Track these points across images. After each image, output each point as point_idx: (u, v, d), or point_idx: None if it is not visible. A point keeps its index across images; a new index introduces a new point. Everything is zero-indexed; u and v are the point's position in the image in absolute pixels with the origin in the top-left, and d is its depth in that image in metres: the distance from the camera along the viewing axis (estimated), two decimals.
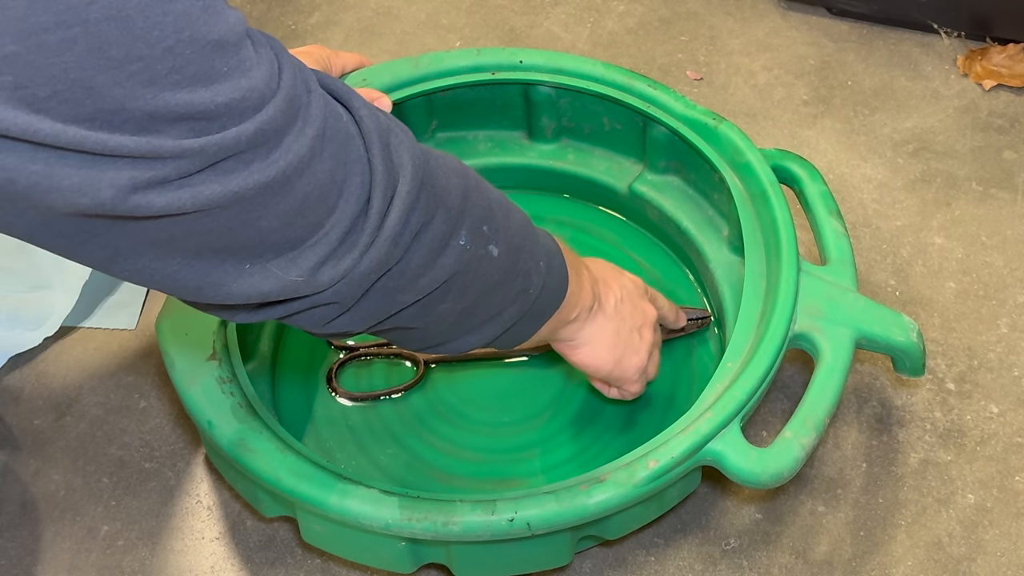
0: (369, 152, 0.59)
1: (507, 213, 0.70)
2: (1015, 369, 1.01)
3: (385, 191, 0.59)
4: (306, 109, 0.55)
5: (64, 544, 0.93)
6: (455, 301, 0.68)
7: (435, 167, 0.64)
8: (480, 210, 0.66)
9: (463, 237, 0.65)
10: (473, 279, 0.67)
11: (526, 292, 0.71)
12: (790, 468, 0.79)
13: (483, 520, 0.77)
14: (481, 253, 0.67)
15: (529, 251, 0.71)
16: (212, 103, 0.50)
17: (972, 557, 0.91)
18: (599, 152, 1.09)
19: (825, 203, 0.95)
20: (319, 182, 0.56)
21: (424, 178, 0.62)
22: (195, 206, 0.52)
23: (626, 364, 0.85)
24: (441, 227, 0.63)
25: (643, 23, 1.33)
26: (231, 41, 0.50)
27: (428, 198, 0.62)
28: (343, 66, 1.02)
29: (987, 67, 1.25)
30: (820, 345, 0.86)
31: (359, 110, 0.60)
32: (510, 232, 0.69)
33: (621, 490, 0.78)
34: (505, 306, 0.71)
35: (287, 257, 0.58)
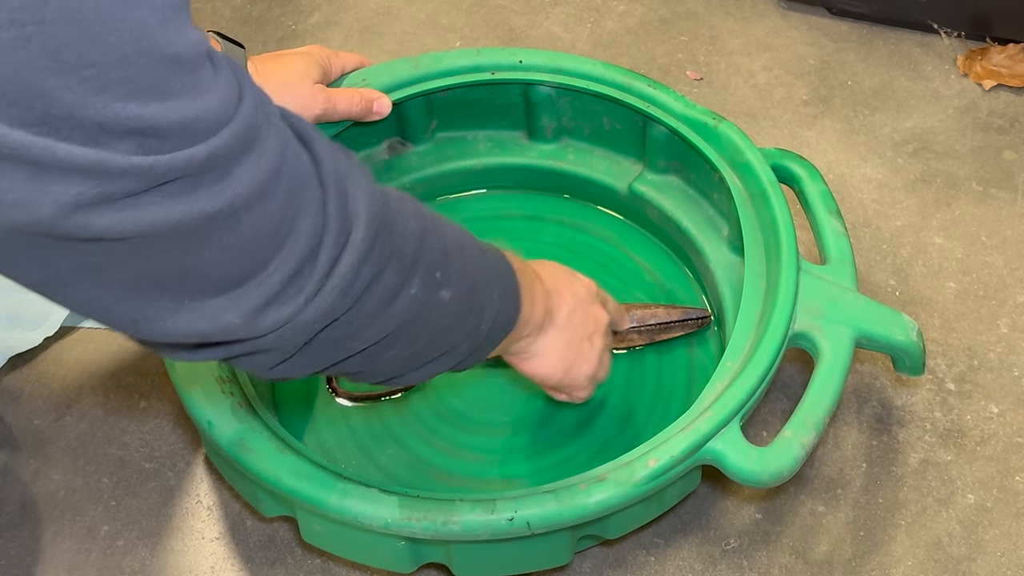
0: (325, 196, 0.57)
1: (462, 253, 0.68)
2: (1015, 369, 1.01)
3: (337, 239, 0.57)
4: (263, 141, 0.53)
5: (64, 544, 0.93)
6: (403, 347, 0.66)
7: (393, 214, 0.61)
8: (435, 256, 0.65)
9: (415, 286, 0.63)
10: (423, 326, 0.65)
11: (478, 328, 0.70)
12: (790, 467, 0.79)
13: (483, 519, 0.77)
14: (432, 300, 0.65)
15: (482, 286, 0.70)
16: (164, 119, 0.48)
17: (972, 557, 0.91)
18: (599, 152, 1.09)
19: (825, 202, 0.95)
20: (268, 220, 0.54)
21: (380, 227, 0.59)
22: (136, 230, 0.49)
23: (576, 372, 0.83)
24: (393, 278, 0.61)
25: (643, 23, 1.33)
26: (189, 58, 0.49)
27: (382, 249, 0.60)
28: (343, 66, 1.02)
29: (987, 67, 1.25)
30: (820, 344, 0.86)
31: (320, 152, 0.58)
32: (464, 273, 0.67)
33: (621, 489, 0.78)
34: (456, 343, 0.70)
35: (228, 296, 0.55)
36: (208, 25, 1.33)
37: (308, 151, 0.57)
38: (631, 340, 0.99)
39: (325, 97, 0.97)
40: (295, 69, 0.96)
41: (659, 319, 0.99)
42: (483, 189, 1.13)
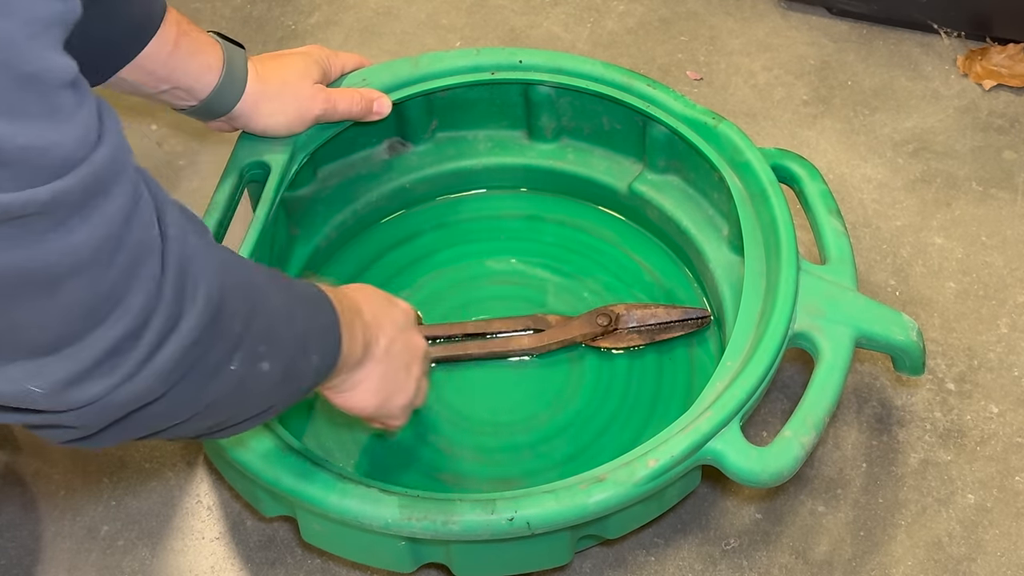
0: (163, 275, 0.53)
1: (288, 321, 0.65)
2: (1015, 369, 1.01)
3: (166, 322, 0.53)
4: (111, 198, 0.49)
5: (64, 544, 0.93)
6: (217, 417, 0.63)
7: (228, 295, 0.58)
8: (261, 329, 0.62)
9: (236, 362, 0.60)
10: (241, 397, 0.63)
11: (297, 389, 0.68)
12: (790, 467, 0.79)
13: (483, 519, 0.77)
14: (253, 372, 0.62)
15: (304, 353, 0.67)
16: (10, 142, 0.44)
17: (972, 557, 0.91)
18: (599, 152, 1.09)
19: (825, 202, 0.95)
20: (95, 288, 0.50)
21: (214, 313, 0.56)
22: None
23: (392, 403, 0.81)
24: (215, 358, 0.58)
25: (643, 23, 1.33)
26: (48, 81, 0.45)
27: (211, 335, 0.56)
28: (342, 66, 1.02)
29: (987, 67, 1.25)
30: (820, 344, 0.86)
31: (169, 227, 0.53)
32: (287, 344, 0.65)
33: (621, 489, 0.78)
34: (274, 404, 0.67)
35: (33, 362, 0.50)
36: (208, 25, 1.33)
37: (158, 222, 0.53)
38: (631, 340, 0.99)
39: (325, 97, 0.97)
40: (295, 69, 0.96)
41: (659, 319, 0.99)
42: (483, 189, 1.13)
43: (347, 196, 1.08)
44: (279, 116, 0.96)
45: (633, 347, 1.00)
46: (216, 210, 0.94)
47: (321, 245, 1.06)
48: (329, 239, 1.07)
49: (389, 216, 1.11)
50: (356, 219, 1.08)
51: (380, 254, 1.08)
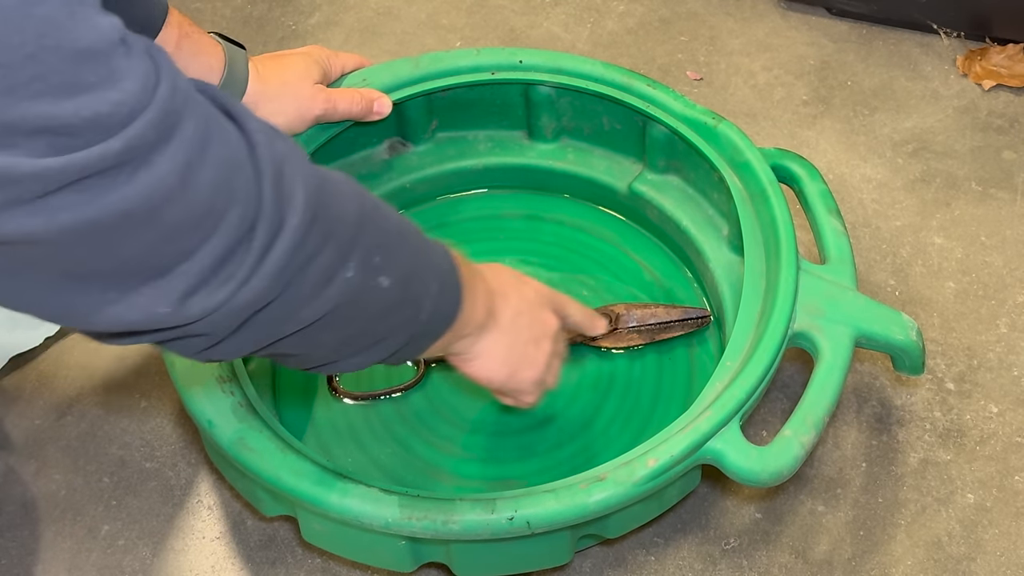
0: (260, 179, 0.55)
1: (402, 240, 0.67)
2: (1015, 369, 1.01)
3: (272, 222, 0.55)
4: (183, 127, 0.51)
5: (65, 544, 0.94)
6: (338, 331, 0.64)
7: (331, 197, 0.60)
8: (373, 240, 0.63)
9: (351, 269, 0.61)
10: (359, 310, 0.64)
11: (416, 318, 0.69)
12: (790, 466, 0.79)
13: (483, 519, 0.77)
14: (370, 284, 0.63)
15: (421, 277, 0.68)
16: (76, 117, 0.46)
17: (972, 556, 0.91)
18: (599, 152, 1.09)
19: (824, 202, 0.95)
20: (192, 208, 0.52)
21: (317, 210, 0.58)
22: (48, 231, 0.48)
23: (520, 377, 0.81)
24: (329, 261, 0.60)
25: (643, 23, 1.33)
26: (101, 50, 0.47)
27: (319, 231, 0.58)
28: (343, 66, 1.02)
29: (986, 67, 1.25)
30: (820, 343, 0.86)
31: (254, 134, 0.56)
32: (403, 260, 0.66)
33: (620, 488, 0.78)
34: (393, 332, 0.68)
35: (154, 285, 0.53)
36: (209, 25, 1.33)
37: (240, 132, 0.55)
38: (631, 340, 0.99)
39: (325, 97, 0.97)
40: (295, 69, 0.96)
41: (659, 319, 0.99)
42: (483, 189, 1.13)
43: None
44: (279, 117, 0.96)
45: (633, 347, 1.00)
46: None
47: None
48: None
49: None
50: None
51: None
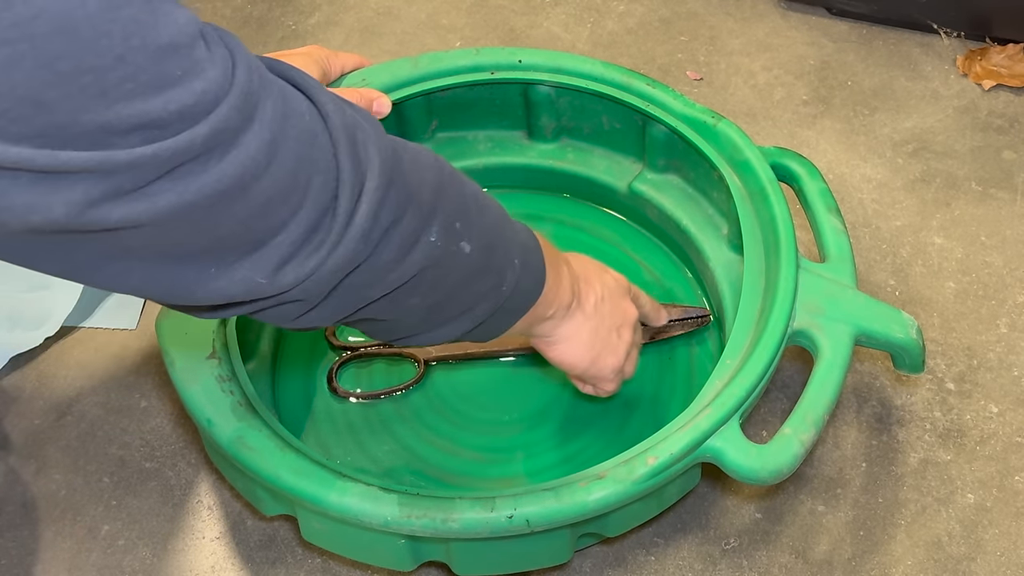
0: (336, 148, 0.57)
1: (482, 209, 0.69)
2: (1015, 369, 1.01)
3: (352, 188, 0.58)
4: (263, 106, 0.53)
5: (64, 544, 0.93)
6: (425, 296, 0.66)
7: (406, 162, 0.62)
8: (453, 206, 0.65)
9: (434, 233, 0.63)
10: (444, 275, 0.66)
11: (499, 289, 0.70)
12: (789, 465, 0.79)
13: (482, 517, 0.77)
14: (453, 249, 0.65)
15: (504, 248, 0.70)
16: (165, 111, 0.48)
17: (972, 557, 0.91)
18: (598, 151, 1.09)
19: (824, 200, 0.95)
20: (280, 183, 0.54)
21: (393, 174, 0.60)
22: (151, 217, 0.50)
23: (602, 363, 0.84)
24: (412, 223, 0.62)
25: (643, 23, 1.33)
26: (183, 43, 0.49)
27: (398, 194, 0.60)
28: (342, 66, 1.02)
29: (987, 67, 1.25)
30: (819, 342, 0.86)
31: (325, 105, 0.58)
32: (484, 228, 0.68)
33: (620, 487, 0.78)
34: (477, 301, 0.70)
35: (250, 259, 0.56)
36: None
37: (313, 104, 0.58)
38: None
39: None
40: None
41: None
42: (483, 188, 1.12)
43: None
44: None
45: None
46: None
47: None
48: None
49: None
50: None
51: None
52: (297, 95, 0.57)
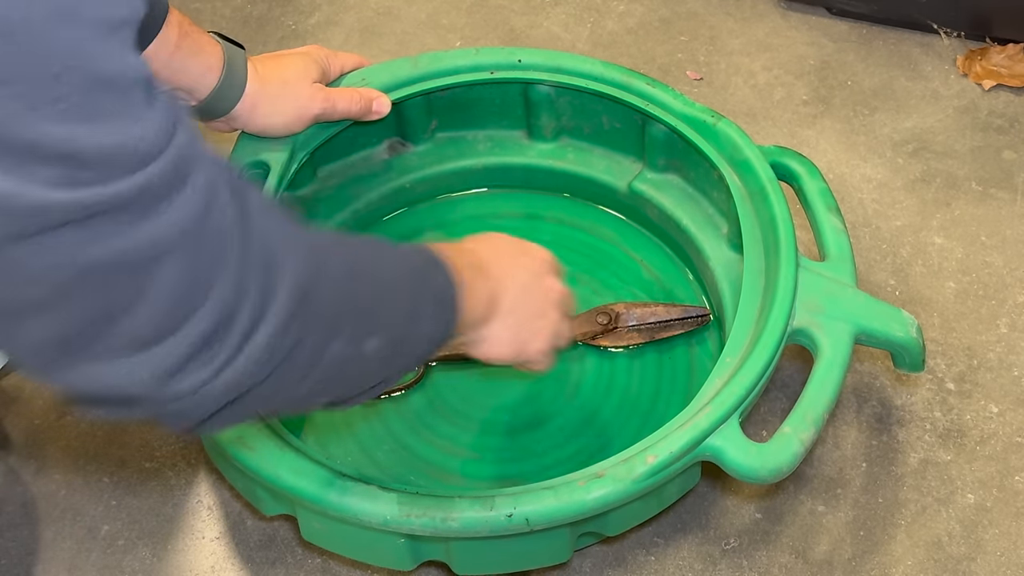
0: (247, 258, 0.53)
1: (395, 295, 0.65)
2: (1015, 369, 1.01)
3: (254, 309, 0.53)
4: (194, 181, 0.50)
5: (65, 544, 0.93)
6: (328, 394, 0.64)
7: (321, 277, 0.57)
8: (362, 309, 0.61)
9: (338, 344, 0.59)
10: (348, 374, 0.63)
11: (412, 358, 0.69)
12: (789, 463, 0.79)
13: (482, 516, 0.77)
14: (359, 352, 0.62)
15: (415, 324, 0.67)
16: (94, 144, 0.46)
17: (972, 556, 0.91)
18: (598, 151, 1.10)
19: (824, 200, 0.95)
20: (183, 277, 0.50)
21: (304, 296, 0.55)
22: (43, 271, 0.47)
23: (529, 350, 0.81)
24: (315, 342, 0.58)
25: (643, 23, 1.33)
26: (124, 83, 0.47)
27: (305, 320, 0.56)
28: (342, 66, 1.02)
29: (987, 67, 1.25)
30: (819, 340, 0.86)
31: (251, 206, 0.53)
32: (396, 318, 0.65)
33: (619, 485, 0.78)
34: (387, 375, 0.68)
35: (135, 357, 0.51)
36: (208, 25, 1.33)
37: (238, 203, 0.53)
38: (631, 338, 0.99)
39: (324, 96, 0.97)
40: (294, 69, 0.96)
41: (659, 317, 0.99)
42: (483, 188, 1.13)
43: (347, 196, 1.08)
44: (278, 116, 0.96)
45: (633, 345, 1.00)
46: None
47: None
48: None
49: (389, 216, 1.11)
50: (356, 219, 1.08)
51: None
52: (226, 189, 0.53)
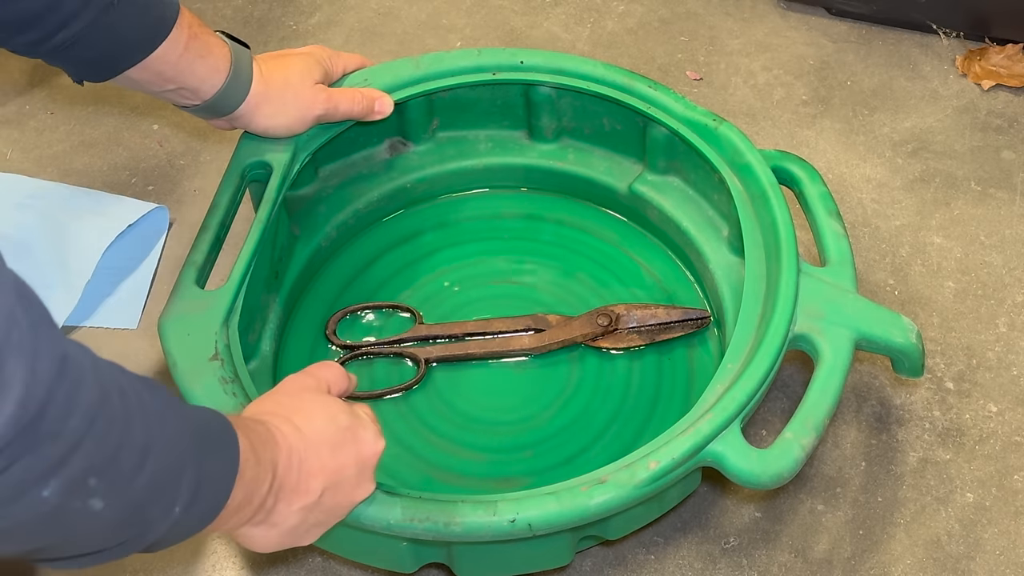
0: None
1: (143, 459, 0.55)
2: (1014, 368, 1.02)
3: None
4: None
5: None
6: (21, 544, 0.54)
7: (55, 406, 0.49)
8: (93, 460, 0.52)
9: (48, 488, 0.50)
10: (52, 530, 0.53)
11: (143, 539, 0.58)
12: (790, 469, 0.80)
13: (485, 521, 0.77)
14: (74, 507, 0.52)
15: (161, 500, 0.58)
16: None
17: (971, 555, 0.91)
18: (599, 152, 1.10)
19: (825, 204, 0.95)
20: None
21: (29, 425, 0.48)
22: None
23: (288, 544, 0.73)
24: (19, 474, 0.49)
25: (643, 23, 1.33)
26: None
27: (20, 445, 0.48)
28: (344, 66, 1.02)
29: (986, 67, 1.25)
30: (820, 346, 0.86)
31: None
32: (136, 484, 0.55)
33: (622, 491, 0.78)
34: (106, 546, 0.58)
35: None
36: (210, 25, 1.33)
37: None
38: (631, 340, 1.00)
39: (327, 97, 0.97)
40: (297, 69, 0.97)
41: (659, 319, 1.00)
42: (484, 189, 1.13)
43: (348, 196, 1.08)
44: (280, 117, 0.96)
45: (633, 347, 1.00)
46: (218, 210, 0.94)
47: (322, 244, 1.06)
48: (330, 238, 1.07)
49: (390, 215, 1.11)
50: (357, 219, 1.09)
51: (381, 254, 1.09)
52: None
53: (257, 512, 0.68)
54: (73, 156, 1.21)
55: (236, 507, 0.64)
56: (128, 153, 1.22)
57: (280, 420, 0.70)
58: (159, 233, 1.14)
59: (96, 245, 1.07)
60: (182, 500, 0.59)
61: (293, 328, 1.03)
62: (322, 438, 0.71)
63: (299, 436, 0.70)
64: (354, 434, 0.73)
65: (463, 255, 1.09)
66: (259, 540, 0.71)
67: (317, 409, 0.73)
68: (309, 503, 0.70)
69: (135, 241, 1.12)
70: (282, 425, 0.70)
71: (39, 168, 1.20)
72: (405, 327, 1.02)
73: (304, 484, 0.70)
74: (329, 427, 0.72)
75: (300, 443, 0.70)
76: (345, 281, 1.06)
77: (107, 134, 1.23)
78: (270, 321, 0.99)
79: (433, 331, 1.01)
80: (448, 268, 1.07)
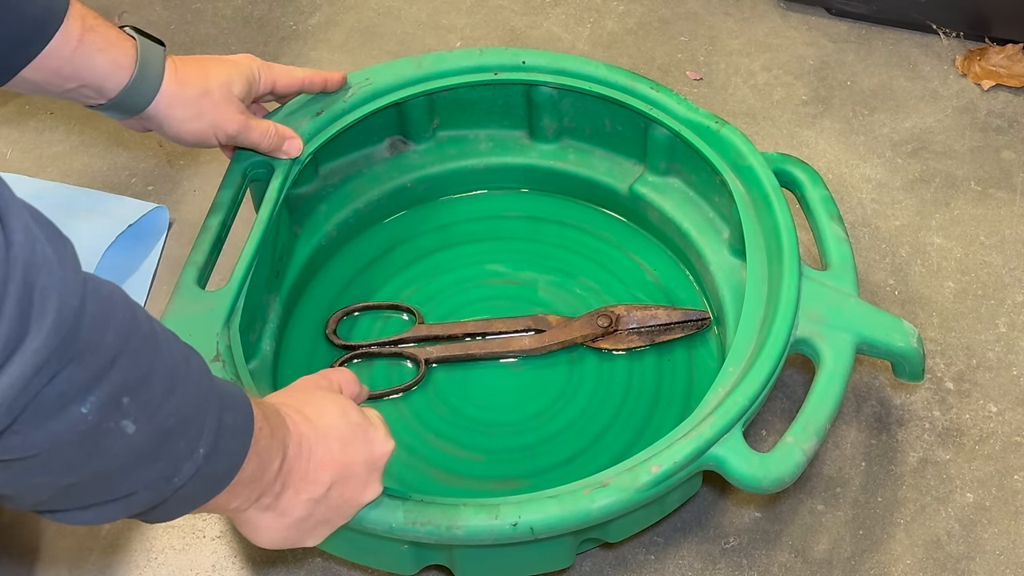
0: (5, 284, 0.47)
1: (172, 386, 0.56)
2: (1014, 368, 1.02)
3: (8, 340, 0.47)
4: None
5: (65, 543, 0.94)
6: (58, 476, 0.54)
7: (89, 319, 0.51)
8: (128, 378, 0.53)
9: (87, 404, 0.52)
10: (88, 456, 0.54)
11: (168, 480, 0.59)
12: (791, 473, 0.80)
13: (487, 525, 0.77)
14: (109, 427, 0.53)
15: (189, 433, 0.58)
16: None
17: (971, 555, 0.91)
18: (600, 153, 1.10)
19: (826, 208, 0.95)
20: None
21: (67, 335, 0.49)
22: None
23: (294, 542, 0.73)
24: (60, 387, 0.50)
25: (643, 23, 1.33)
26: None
27: (60, 358, 0.49)
28: (274, 82, 0.97)
29: (986, 67, 1.25)
30: (821, 350, 0.86)
31: (14, 230, 0.48)
32: (165, 410, 0.56)
33: (624, 495, 0.78)
34: (135, 489, 0.58)
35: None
36: (209, 26, 1.34)
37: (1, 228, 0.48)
38: (631, 341, 1.00)
39: (243, 120, 0.93)
40: (219, 79, 0.92)
41: (659, 320, 1.00)
42: (484, 189, 1.13)
43: (349, 195, 1.08)
44: (194, 123, 0.91)
45: (633, 348, 1.00)
46: (219, 210, 0.94)
47: (323, 244, 1.06)
48: (330, 238, 1.07)
49: (390, 215, 1.11)
50: (357, 218, 1.09)
51: (381, 253, 1.09)
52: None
53: (265, 493, 0.68)
54: (73, 156, 1.21)
55: (249, 478, 0.65)
56: (128, 153, 1.22)
57: (292, 410, 0.71)
58: (159, 233, 1.14)
59: (96, 245, 1.07)
60: (205, 442, 0.59)
61: (293, 328, 1.03)
62: (333, 432, 0.72)
63: (310, 426, 0.71)
64: (364, 432, 0.74)
65: (463, 255, 1.09)
66: (264, 531, 0.71)
67: (329, 405, 0.74)
68: (317, 495, 0.71)
69: (135, 241, 1.12)
70: (294, 414, 0.71)
71: (39, 168, 1.20)
72: (405, 327, 1.02)
73: (313, 474, 0.70)
74: (340, 422, 0.73)
75: (311, 433, 0.70)
76: (345, 281, 1.06)
77: (107, 134, 1.23)
78: (270, 320, 0.99)
79: (433, 331, 1.01)
80: (448, 268, 1.07)
